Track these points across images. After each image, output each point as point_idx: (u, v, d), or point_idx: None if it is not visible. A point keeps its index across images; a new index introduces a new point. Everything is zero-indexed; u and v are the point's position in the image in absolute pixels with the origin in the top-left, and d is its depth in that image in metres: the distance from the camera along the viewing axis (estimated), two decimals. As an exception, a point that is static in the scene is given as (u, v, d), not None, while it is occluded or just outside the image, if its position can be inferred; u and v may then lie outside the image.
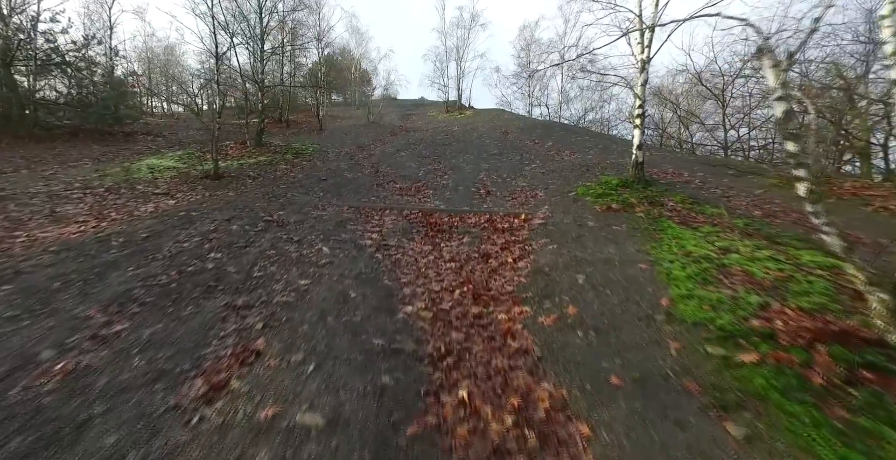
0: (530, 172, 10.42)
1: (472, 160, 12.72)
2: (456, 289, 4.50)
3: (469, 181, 10.02)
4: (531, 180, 9.55)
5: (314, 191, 8.69)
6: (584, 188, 7.85)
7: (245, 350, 3.15)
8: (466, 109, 33.44)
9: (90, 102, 15.83)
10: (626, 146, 12.91)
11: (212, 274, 4.44)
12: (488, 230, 6.47)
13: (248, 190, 8.39)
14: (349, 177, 10.37)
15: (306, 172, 10.59)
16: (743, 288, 3.48)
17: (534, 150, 13.53)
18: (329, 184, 9.49)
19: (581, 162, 10.82)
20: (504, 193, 8.74)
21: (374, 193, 8.94)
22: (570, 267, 4.65)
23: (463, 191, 9.13)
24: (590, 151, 12.56)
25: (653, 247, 4.76)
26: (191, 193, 7.85)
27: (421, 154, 14.20)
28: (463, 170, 11.41)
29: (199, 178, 8.94)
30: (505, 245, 5.79)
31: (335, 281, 4.49)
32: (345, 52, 41.00)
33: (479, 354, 3.27)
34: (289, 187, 8.88)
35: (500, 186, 9.39)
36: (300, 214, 6.95)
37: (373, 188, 9.37)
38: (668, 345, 2.99)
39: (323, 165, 11.70)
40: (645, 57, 7.53)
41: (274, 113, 25.15)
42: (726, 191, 7.27)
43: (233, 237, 5.60)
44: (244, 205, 7.24)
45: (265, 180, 9.37)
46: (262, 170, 10.58)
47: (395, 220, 6.99)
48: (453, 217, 7.18)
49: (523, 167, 11.18)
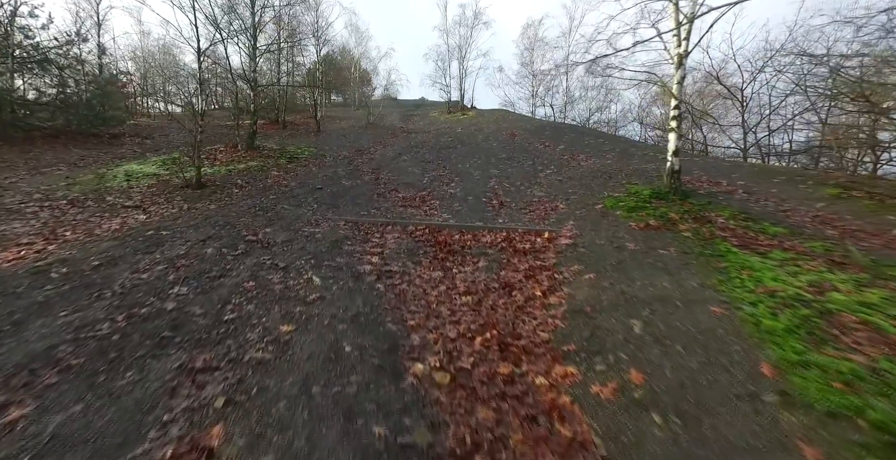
0: (546, 180, 9.50)
1: (479, 165, 11.80)
2: (476, 336, 3.58)
3: (479, 190, 9.10)
4: (548, 189, 8.63)
5: (307, 203, 7.77)
6: (612, 200, 6.93)
7: (193, 448, 2.23)
8: (469, 110, 32.55)
9: (73, 103, 14.94)
10: (647, 150, 11.96)
11: (170, 318, 3.51)
12: (507, 251, 5.55)
13: (233, 201, 7.47)
14: (347, 185, 9.45)
15: (300, 180, 9.67)
16: (878, 351, 2.56)
17: (546, 154, 12.60)
18: (325, 193, 8.57)
19: (600, 168, 9.90)
20: (519, 205, 7.82)
21: (374, 204, 8.02)
22: (617, 306, 3.73)
23: (473, 201, 8.20)
24: (607, 156, 11.63)
25: (720, 281, 3.83)
26: (166, 206, 6.93)
27: (424, 158, 13.28)
28: (471, 176, 10.49)
29: (180, 188, 8.03)
30: (530, 272, 4.87)
31: (326, 326, 3.57)
32: (344, 52, 40.15)
33: (520, 449, 2.35)
34: (279, 198, 7.96)
35: (514, 196, 8.47)
36: (289, 232, 6.03)
37: (373, 198, 8.44)
38: (800, 450, 2.07)
39: (319, 171, 10.78)
40: (682, 51, 6.61)
41: (270, 114, 24.29)
42: (779, 203, 6.34)
43: (206, 264, 4.67)
44: (225, 220, 6.32)
45: (253, 189, 8.45)
46: (252, 177, 9.66)
47: (399, 238, 6.07)
48: (465, 234, 6.26)
49: (537, 173, 10.26)
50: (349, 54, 39.06)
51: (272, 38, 16.03)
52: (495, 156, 12.93)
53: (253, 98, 12.72)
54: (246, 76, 12.52)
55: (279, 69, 22.65)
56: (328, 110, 34.80)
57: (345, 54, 39.59)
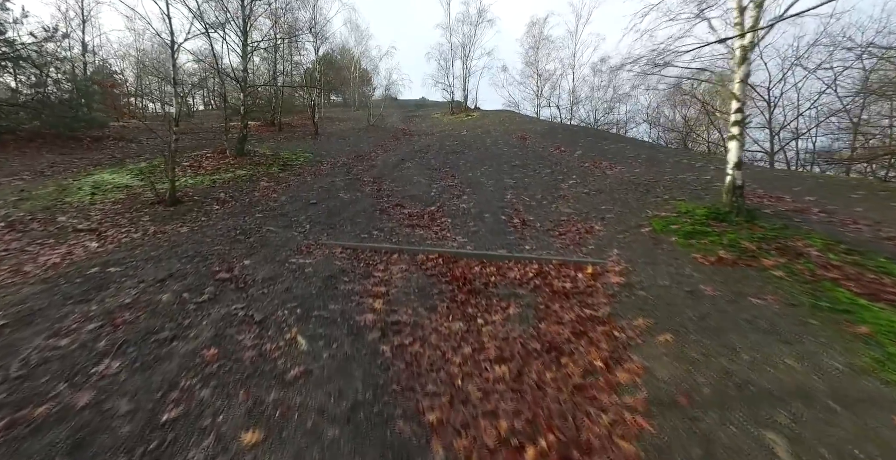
0: (570, 192, 8.37)
1: (491, 173, 10.67)
2: (527, 447, 2.45)
3: (495, 204, 7.97)
4: (576, 205, 7.49)
5: (299, 223, 6.65)
6: (660, 221, 5.80)
7: None
8: (473, 111, 31.43)
9: (50, 103, 13.83)
10: (678, 156, 10.82)
11: (76, 426, 2.38)
12: (543, 292, 4.41)
13: (211, 222, 6.34)
14: (345, 198, 8.32)
15: (292, 192, 8.53)
16: None
17: (564, 161, 11.47)
18: (319, 210, 7.44)
19: (631, 178, 8.76)
20: (546, 224, 6.69)
21: (376, 224, 6.89)
22: (730, 400, 2.59)
23: (491, 220, 7.07)
24: (633, 163, 10.50)
25: (877, 362, 2.70)
26: (129, 229, 5.81)
27: (430, 165, 12.15)
28: (483, 187, 9.36)
29: (150, 204, 6.90)
30: (578, 325, 3.74)
31: (308, 432, 2.44)
32: (344, 51, 39.11)
33: None
34: (266, 216, 6.83)
35: (537, 213, 7.34)
36: (274, 264, 4.90)
37: (374, 216, 7.31)
38: None
39: (314, 182, 9.65)
40: (747, 42, 5.48)
41: (266, 115, 23.21)
42: (877, 227, 5.19)
43: (156, 318, 3.55)
44: (196, 249, 5.19)
45: (237, 205, 7.32)
46: (238, 189, 8.53)
47: (407, 272, 4.94)
48: (487, 266, 5.13)
49: (558, 184, 9.12)
50: (349, 54, 38.02)
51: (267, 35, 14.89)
52: (508, 163, 11.80)
53: (243, 99, 11.59)
54: (235, 75, 11.38)
55: (275, 68, 21.53)
56: (327, 111, 33.69)
57: (344, 54, 38.53)
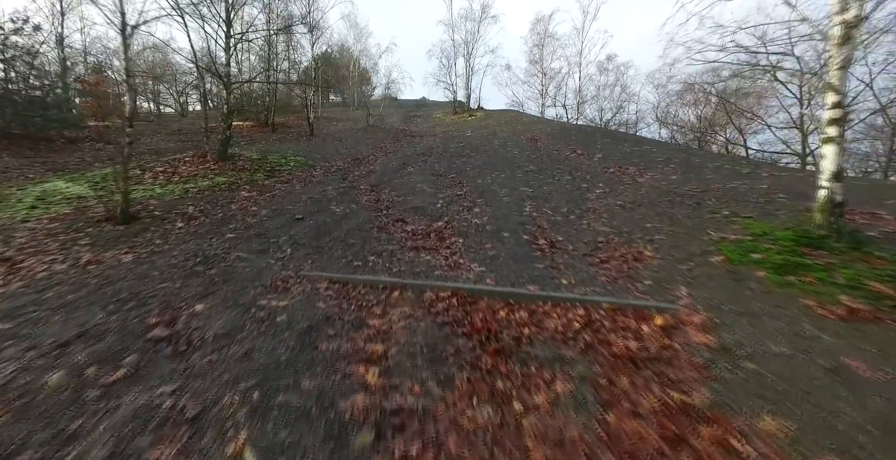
0: (601, 204, 7.14)
1: (504, 180, 9.45)
2: None
3: (513, 219, 6.76)
4: (612, 220, 6.27)
5: (278, 245, 5.43)
6: (732, 246, 4.57)
7: None
8: (477, 111, 30.22)
9: (16, 101, 12.62)
10: (715, 160, 9.55)
11: None
12: (599, 355, 3.18)
13: (167, 246, 5.12)
14: (337, 212, 7.10)
15: (276, 205, 7.31)
16: None
17: (584, 166, 10.24)
18: (305, 228, 6.22)
19: (669, 187, 7.54)
20: (579, 246, 5.46)
21: (373, 245, 5.67)
22: None
23: (511, 240, 5.85)
24: (666, 168, 9.27)
25: None
26: (56, 256, 4.58)
27: (434, 170, 10.92)
28: (497, 197, 8.14)
29: (97, 222, 5.68)
30: (668, 423, 2.49)
31: None
32: (343, 50, 37.95)
33: None
34: (239, 237, 5.61)
35: (566, 231, 6.11)
36: (235, 311, 3.67)
37: (371, 234, 6.09)
38: None
39: (303, 191, 8.43)
40: (851, 17, 4.25)
41: (259, 115, 22.02)
42: None
43: (23, 423, 2.31)
44: (134, 288, 3.97)
45: (206, 223, 6.10)
46: (212, 200, 7.31)
47: (412, 318, 3.72)
48: (516, 309, 3.90)
49: (584, 194, 7.90)
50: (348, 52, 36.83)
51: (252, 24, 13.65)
52: (521, 168, 10.58)
53: (226, 96, 10.36)
54: (216, 69, 10.15)
55: (269, 64, 20.31)
56: (325, 110, 32.48)
57: (343, 52, 37.35)
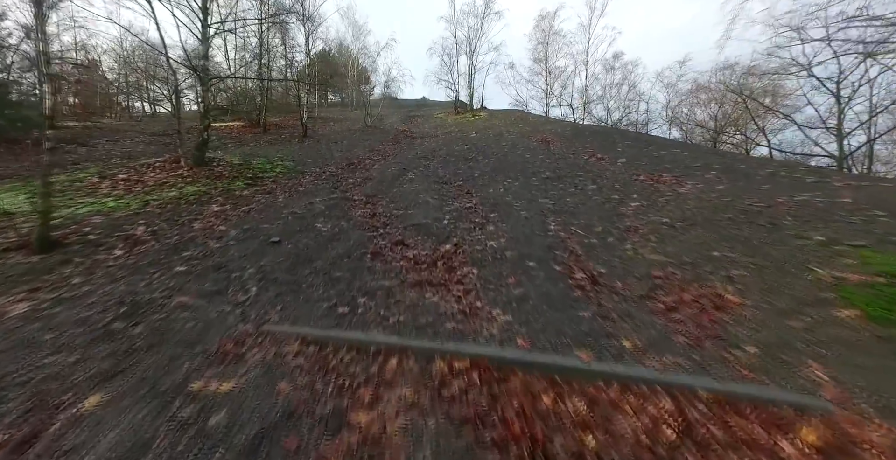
0: (642, 222, 5.90)
1: (519, 190, 8.21)
2: None
3: (537, 241, 5.52)
4: (664, 245, 5.01)
5: (241, 282, 4.18)
6: (864, 294, 3.33)
7: None
8: (480, 110, 29.01)
9: (-28, 101, 11.39)
10: (763, 165, 8.24)
11: None
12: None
13: (85, 289, 3.86)
14: (324, 231, 5.86)
15: (251, 222, 6.07)
16: None
17: (608, 173, 9.00)
18: (281, 254, 4.98)
19: (723, 200, 6.29)
20: (631, 284, 4.21)
21: (364, 280, 4.43)
22: None
23: (540, 272, 4.61)
24: (707, 176, 8.02)
25: None
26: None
27: (438, 176, 9.69)
28: (513, 210, 6.90)
29: (10, 249, 4.42)
30: None
31: None
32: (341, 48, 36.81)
33: None
34: (191, 271, 4.36)
35: (607, 259, 4.87)
36: (148, 408, 2.43)
37: (363, 263, 4.85)
38: None
39: (286, 203, 7.19)
40: None
41: (251, 114, 20.83)
42: None
43: None
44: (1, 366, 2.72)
45: (153, 250, 4.85)
46: (172, 218, 6.07)
47: (415, 408, 2.48)
48: (566, 395, 2.65)
49: (617, 208, 6.66)
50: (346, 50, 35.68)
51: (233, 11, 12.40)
52: (537, 175, 9.34)
53: (203, 93, 9.13)
54: (191, 62, 8.91)
55: (260, 61, 19.09)
56: (323, 111, 31.30)
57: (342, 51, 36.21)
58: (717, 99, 24.85)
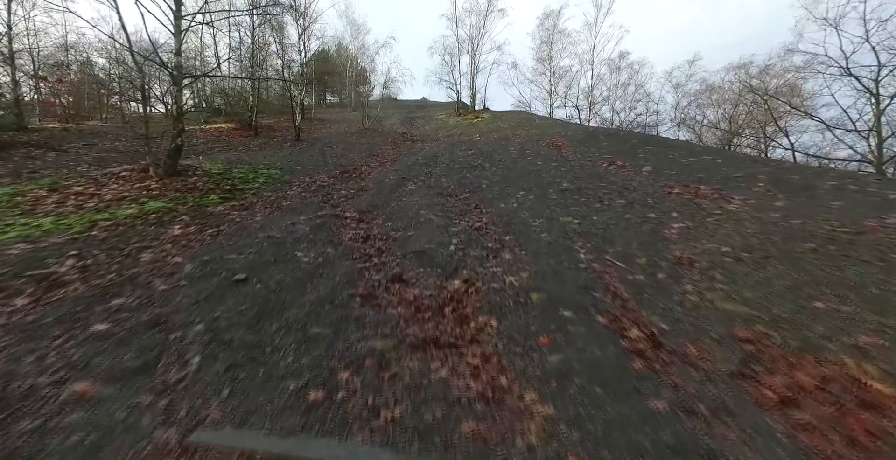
0: (697, 252, 4.79)
1: (535, 205, 7.12)
2: None
3: (568, 276, 4.42)
4: (738, 287, 3.90)
5: (180, 350, 3.08)
6: None
7: None
8: (482, 112, 27.93)
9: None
10: (837, 179, 7.08)
11: None
12: None
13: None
14: (304, 263, 4.75)
15: (215, 251, 4.96)
16: None
17: (635, 184, 7.90)
18: (245, 299, 3.86)
19: (791, 222, 5.18)
20: (710, 350, 3.11)
21: (349, 340, 3.33)
22: None
23: (579, 327, 3.51)
24: (755, 189, 6.91)
25: None
26: None
27: (441, 187, 8.60)
28: (531, 232, 5.81)
29: None
30: None
31: None
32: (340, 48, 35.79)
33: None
34: (115, 331, 3.25)
35: (665, 307, 3.77)
36: None
37: (350, 313, 3.74)
38: None
39: (263, 224, 6.09)
40: None
41: (243, 116, 19.75)
42: None
43: None
44: None
45: (75, 295, 3.73)
46: (118, 245, 4.96)
47: None
48: None
49: (659, 230, 5.56)
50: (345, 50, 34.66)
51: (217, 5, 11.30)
52: (553, 186, 8.23)
53: (175, 93, 8.03)
54: (160, 59, 7.81)
55: (252, 60, 18.00)
56: (321, 111, 30.23)
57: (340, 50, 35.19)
58: (732, 99, 23.77)
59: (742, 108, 22.92)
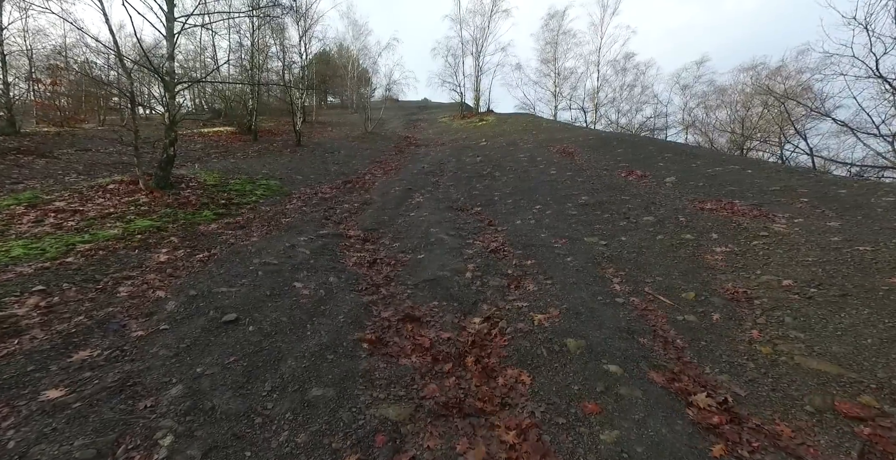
0: (750, 284, 4.21)
1: (555, 222, 6.54)
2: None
3: (605, 314, 3.84)
4: (819, 336, 3.31)
5: (155, 415, 2.50)
6: None
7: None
8: (487, 114, 27.33)
9: None
10: (888, 195, 6.46)
11: None
12: None
13: None
14: (304, 296, 4.17)
15: (203, 282, 4.38)
16: None
17: (660, 198, 7.30)
18: (234, 347, 3.28)
19: (858, 250, 4.57)
20: (809, 434, 2.51)
21: (355, 401, 2.75)
22: None
23: (633, 389, 2.92)
24: (798, 206, 6.30)
25: None
26: None
27: (450, 199, 8.02)
28: (554, 256, 5.22)
29: None
30: None
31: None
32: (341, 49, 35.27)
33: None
34: (71, 399, 2.66)
35: (734, 364, 3.18)
36: None
37: (355, 363, 3.15)
38: None
39: (260, 246, 5.51)
40: None
41: (242, 120, 19.18)
42: None
43: None
44: None
45: (31, 347, 3.16)
46: (96, 275, 4.40)
47: None
48: None
49: (699, 255, 4.97)
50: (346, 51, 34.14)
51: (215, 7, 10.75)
52: (571, 200, 7.65)
53: (167, 100, 7.47)
54: (151, 63, 7.25)
55: (251, 62, 17.45)
56: (322, 113, 29.69)
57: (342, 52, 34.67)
58: (744, 101, 23.16)
59: (754, 111, 22.30)
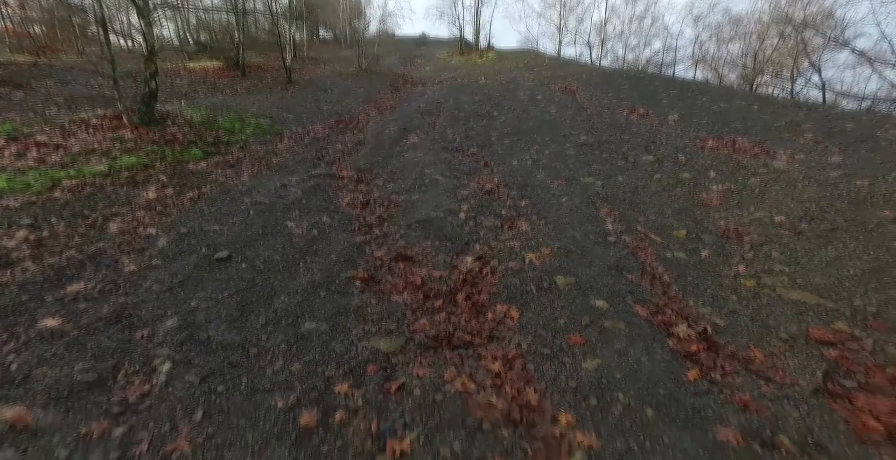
0: (744, 221, 4.19)
1: (552, 162, 6.41)
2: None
3: (596, 253, 3.87)
4: (802, 268, 3.36)
5: (152, 345, 2.58)
6: None
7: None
8: (487, 50, 25.94)
9: None
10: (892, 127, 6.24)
11: None
12: None
13: None
14: (296, 236, 4.15)
15: (194, 220, 4.35)
16: None
17: (662, 136, 7.10)
18: (227, 283, 3.32)
19: (855, 185, 4.50)
20: (780, 357, 2.62)
21: (348, 333, 2.85)
22: None
23: (616, 322, 3.01)
24: (801, 141, 6.13)
25: None
26: None
27: (446, 140, 7.81)
28: (549, 196, 5.17)
29: None
30: None
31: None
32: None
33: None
34: (67, 329, 2.72)
35: (717, 297, 3.25)
36: None
37: (348, 299, 3.22)
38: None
39: (250, 186, 5.42)
40: None
41: (229, 54, 18.22)
42: None
43: None
44: None
45: (23, 278, 3.18)
46: (84, 210, 4.36)
47: None
48: None
49: (695, 193, 4.91)
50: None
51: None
52: (570, 139, 7.44)
53: (143, 28, 7.00)
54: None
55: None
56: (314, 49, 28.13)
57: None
58: (759, 32, 21.90)
59: (768, 44, 21.17)
